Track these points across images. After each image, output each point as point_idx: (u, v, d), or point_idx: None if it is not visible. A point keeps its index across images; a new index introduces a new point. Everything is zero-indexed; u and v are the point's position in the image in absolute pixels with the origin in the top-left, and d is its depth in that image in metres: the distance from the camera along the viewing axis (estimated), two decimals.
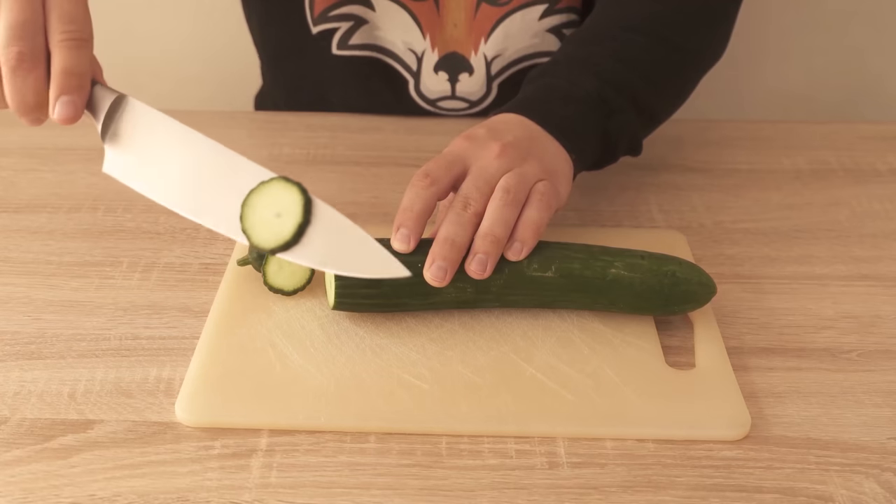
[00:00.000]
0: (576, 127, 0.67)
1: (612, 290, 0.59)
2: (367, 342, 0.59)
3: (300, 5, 0.87)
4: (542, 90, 0.70)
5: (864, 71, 1.42)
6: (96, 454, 0.51)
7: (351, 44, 0.88)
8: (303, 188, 0.51)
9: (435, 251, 0.56)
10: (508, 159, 0.60)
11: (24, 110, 0.52)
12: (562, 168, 0.64)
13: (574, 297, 0.60)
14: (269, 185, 0.51)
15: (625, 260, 0.59)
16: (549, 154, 0.64)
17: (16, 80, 0.51)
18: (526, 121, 0.66)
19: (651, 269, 0.59)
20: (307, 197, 0.50)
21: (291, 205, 0.50)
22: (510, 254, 0.58)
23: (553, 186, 0.61)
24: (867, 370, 0.59)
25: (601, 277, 0.59)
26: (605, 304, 0.60)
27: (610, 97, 0.69)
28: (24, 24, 0.50)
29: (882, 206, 0.78)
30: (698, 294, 0.60)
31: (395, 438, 0.53)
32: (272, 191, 0.51)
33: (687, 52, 0.76)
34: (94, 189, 0.77)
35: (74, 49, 0.51)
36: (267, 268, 0.62)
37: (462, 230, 0.56)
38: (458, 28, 0.86)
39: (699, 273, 0.60)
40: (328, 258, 0.51)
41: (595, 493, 0.50)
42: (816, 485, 0.50)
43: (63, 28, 0.51)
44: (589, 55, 0.72)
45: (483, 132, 0.63)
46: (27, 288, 0.65)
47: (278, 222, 0.50)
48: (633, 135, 0.72)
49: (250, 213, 0.51)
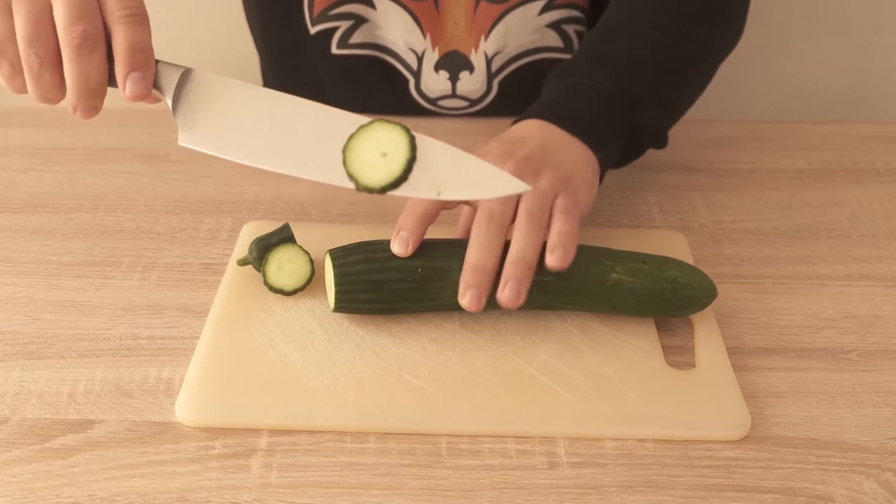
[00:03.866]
0: (598, 125, 0.66)
1: (613, 295, 0.59)
2: (367, 342, 0.59)
3: (300, 5, 0.87)
4: (563, 91, 0.70)
5: (864, 71, 1.42)
6: (96, 454, 0.51)
7: (351, 43, 0.88)
8: (405, 127, 0.50)
9: (467, 279, 0.56)
10: (523, 174, 0.60)
11: (85, 95, 0.51)
12: (581, 172, 0.63)
13: (575, 300, 0.59)
14: (371, 128, 0.50)
15: (626, 264, 0.59)
16: (567, 161, 0.63)
17: (80, 59, 0.50)
18: (545, 126, 0.65)
19: (652, 275, 0.59)
20: (411, 134, 0.50)
21: (397, 143, 0.50)
22: (552, 259, 0.56)
23: (572, 198, 0.60)
24: (867, 370, 0.59)
25: (602, 282, 0.58)
26: (606, 308, 0.60)
27: (631, 92, 0.69)
28: (85, 4, 0.50)
29: (882, 206, 0.78)
30: (699, 298, 0.60)
31: (395, 438, 0.53)
32: (374, 133, 0.50)
33: (704, 40, 0.75)
34: (94, 189, 0.77)
35: (136, 25, 0.51)
36: (267, 268, 0.62)
37: (490, 255, 0.56)
38: (458, 27, 0.86)
39: (700, 277, 0.60)
40: (441, 186, 0.50)
41: (595, 493, 0.50)
42: (816, 485, 0.50)
43: (122, 5, 0.51)
44: (607, 52, 0.72)
45: (497, 147, 0.63)
46: (27, 288, 0.65)
47: (385, 162, 0.50)
48: (657, 128, 0.71)
49: (353, 156, 0.50)
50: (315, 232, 0.68)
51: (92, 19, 0.50)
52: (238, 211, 0.74)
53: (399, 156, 0.49)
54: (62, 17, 0.49)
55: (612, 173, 0.77)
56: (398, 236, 0.57)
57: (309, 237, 0.66)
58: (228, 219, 0.73)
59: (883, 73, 1.42)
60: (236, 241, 0.70)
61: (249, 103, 0.52)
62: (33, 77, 0.51)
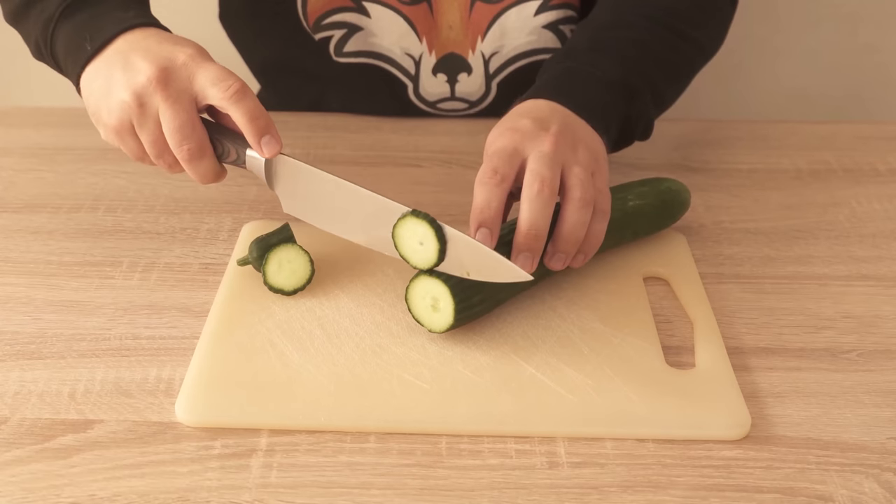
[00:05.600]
0: (605, 110, 0.68)
1: (634, 221, 0.67)
2: (367, 342, 0.59)
3: (294, 17, 0.87)
4: (567, 75, 0.70)
5: (865, 70, 1.42)
6: (96, 454, 0.51)
7: (346, 51, 0.88)
8: (430, 218, 0.57)
9: (520, 242, 0.57)
10: (563, 147, 0.61)
11: (207, 181, 0.63)
12: (602, 152, 0.65)
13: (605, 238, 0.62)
14: (404, 221, 0.57)
15: (632, 192, 0.68)
16: (589, 139, 0.64)
17: (191, 167, 0.62)
18: (556, 106, 0.66)
19: (654, 192, 0.69)
20: (436, 225, 0.56)
21: (426, 234, 0.57)
22: (575, 263, 0.61)
23: (607, 193, 0.62)
24: (867, 370, 0.59)
25: (623, 210, 0.66)
26: (629, 236, 0.68)
27: (633, 83, 0.70)
28: (182, 127, 0.60)
29: (882, 206, 0.78)
30: (686, 200, 0.71)
31: (395, 438, 0.53)
32: (407, 225, 0.57)
33: (696, 42, 0.78)
34: (94, 189, 0.77)
35: (243, 99, 0.60)
36: (267, 267, 0.62)
37: (543, 218, 0.58)
38: (453, 29, 0.87)
39: (677, 182, 0.71)
40: (471, 270, 0.57)
41: (595, 493, 0.50)
42: (816, 485, 0.50)
43: (224, 87, 0.59)
44: (609, 41, 0.73)
45: (527, 122, 0.63)
46: (27, 288, 0.65)
47: (423, 249, 0.57)
48: (647, 119, 0.73)
49: (400, 242, 0.58)
50: (315, 232, 0.68)
51: (190, 137, 0.60)
52: (238, 211, 0.74)
53: (431, 245, 0.57)
54: (170, 141, 0.61)
55: (613, 173, 0.77)
56: (480, 233, 0.57)
57: (309, 237, 0.66)
58: (228, 219, 0.73)
59: (883, 73, 1.42)
60: (236, 241, 0.70)
61: (320, 186, 0.61)
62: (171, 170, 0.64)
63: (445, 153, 0.85)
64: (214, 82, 0.60)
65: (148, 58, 0.60)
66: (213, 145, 0.62)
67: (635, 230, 0.68)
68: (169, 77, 0.59)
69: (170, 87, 0.59)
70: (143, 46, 0.61)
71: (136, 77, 0.60)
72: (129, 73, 0.60)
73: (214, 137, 0.62)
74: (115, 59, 0.61)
